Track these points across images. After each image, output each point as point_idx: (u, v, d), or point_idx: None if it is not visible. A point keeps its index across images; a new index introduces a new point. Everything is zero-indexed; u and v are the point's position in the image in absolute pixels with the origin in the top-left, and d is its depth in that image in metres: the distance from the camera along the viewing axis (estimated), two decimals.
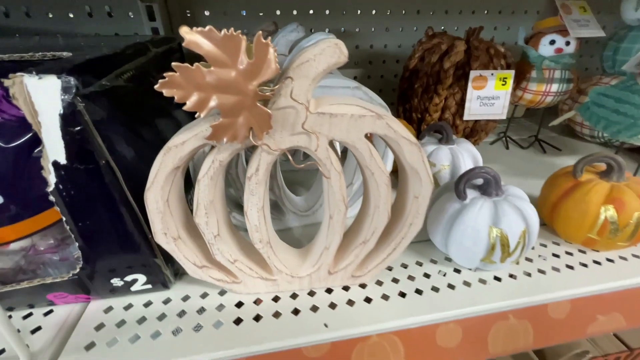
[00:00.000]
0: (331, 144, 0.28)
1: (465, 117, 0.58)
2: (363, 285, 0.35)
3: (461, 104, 0.58)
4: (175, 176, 0.27)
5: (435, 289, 0.35)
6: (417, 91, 0.61)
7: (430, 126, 0.51)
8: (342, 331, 0.31)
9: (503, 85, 0.56)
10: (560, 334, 0.35)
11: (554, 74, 0.60)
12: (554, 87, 0.61)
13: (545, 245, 0.41)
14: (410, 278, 0.36)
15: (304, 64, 0.23)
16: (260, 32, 0.21)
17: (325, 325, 0.31)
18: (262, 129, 0.23)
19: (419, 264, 0.38)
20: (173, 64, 0.21)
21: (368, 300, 0.34)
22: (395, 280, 0.36)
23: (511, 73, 0.56)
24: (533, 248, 0.41)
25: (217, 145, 0.25)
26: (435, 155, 0.48)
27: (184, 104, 0.22)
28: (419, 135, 0.61)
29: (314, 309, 0.33)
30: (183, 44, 0.20)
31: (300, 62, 0.23)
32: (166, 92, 0.22)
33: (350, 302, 0.33)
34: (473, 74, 0.55)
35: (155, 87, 0.21)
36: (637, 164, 0.60)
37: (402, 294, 0.34)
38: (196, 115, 0.23)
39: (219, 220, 0.30)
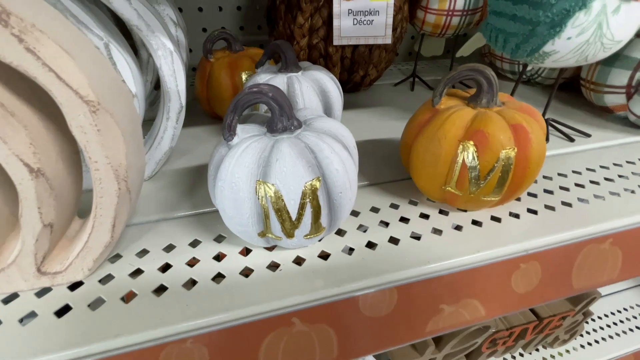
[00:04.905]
0: None
1: (336, 42, 0.43)
2: (75, 286, 0.22)
3: (331, 25, 0.44)
4: None
5: (162, 288, 0.22)
6: (280, 10, 0.46)
7: (266, 49, 0.36)
8: None
9: None
10: (373, 341, 0.23)
11: None
12: (459, 3, 0.48)
13: (396, 206, 0.29)
14: (163, 269, 0.23)
15: None
16: None
17: None
18: None
19: (195, 244, 0.25)
20: None
21: (62, 311, 0.20)
22: (136, 273, 0.23)
23: None
24: (377, 211, 0.28)
25: None
26: None
27: None
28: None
29: None
30: None
31: None
32: None
33: (31, 315, 0.20)
34: None
35: None
36: (567, 105, 0.49)
37: (124, 299, 0.21)
38: None
39: None
